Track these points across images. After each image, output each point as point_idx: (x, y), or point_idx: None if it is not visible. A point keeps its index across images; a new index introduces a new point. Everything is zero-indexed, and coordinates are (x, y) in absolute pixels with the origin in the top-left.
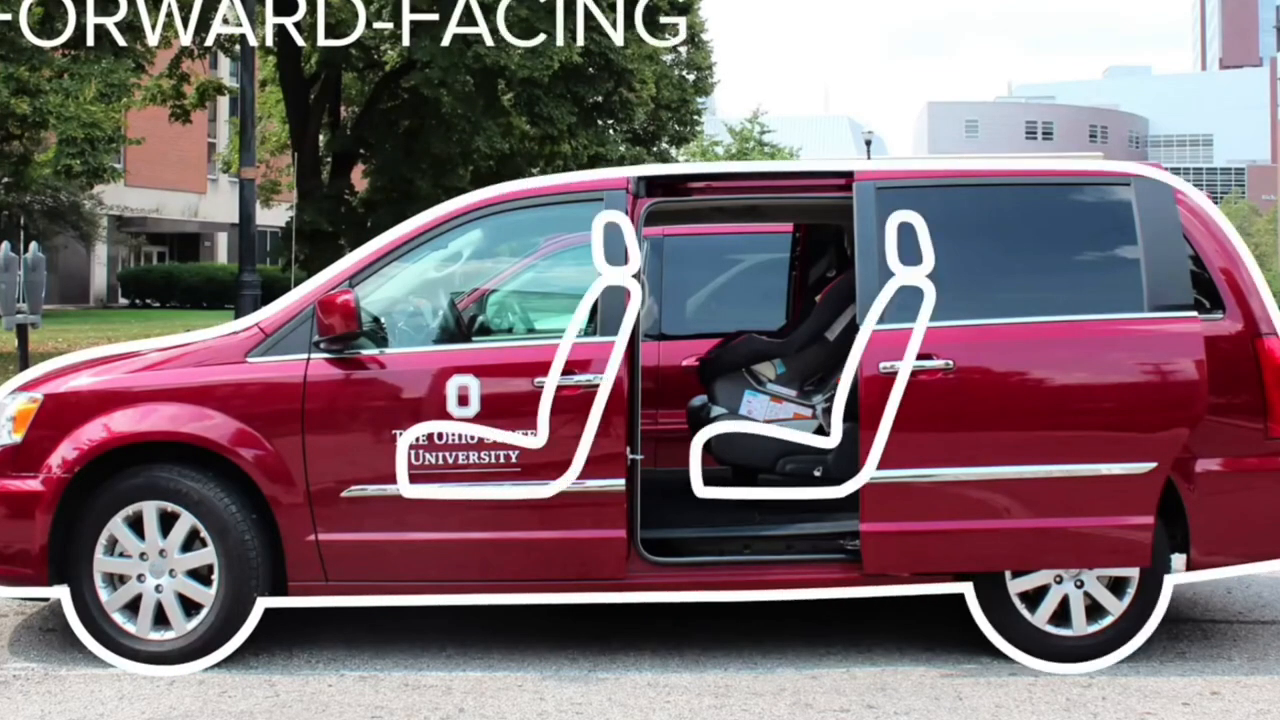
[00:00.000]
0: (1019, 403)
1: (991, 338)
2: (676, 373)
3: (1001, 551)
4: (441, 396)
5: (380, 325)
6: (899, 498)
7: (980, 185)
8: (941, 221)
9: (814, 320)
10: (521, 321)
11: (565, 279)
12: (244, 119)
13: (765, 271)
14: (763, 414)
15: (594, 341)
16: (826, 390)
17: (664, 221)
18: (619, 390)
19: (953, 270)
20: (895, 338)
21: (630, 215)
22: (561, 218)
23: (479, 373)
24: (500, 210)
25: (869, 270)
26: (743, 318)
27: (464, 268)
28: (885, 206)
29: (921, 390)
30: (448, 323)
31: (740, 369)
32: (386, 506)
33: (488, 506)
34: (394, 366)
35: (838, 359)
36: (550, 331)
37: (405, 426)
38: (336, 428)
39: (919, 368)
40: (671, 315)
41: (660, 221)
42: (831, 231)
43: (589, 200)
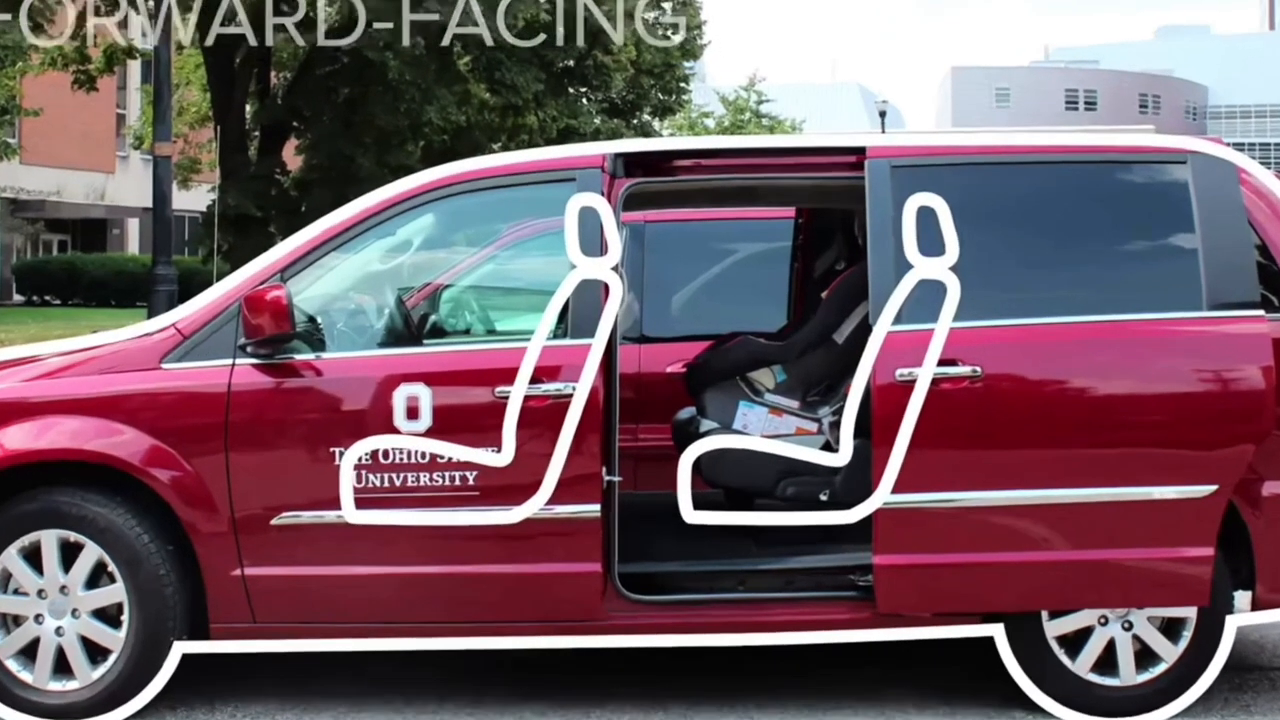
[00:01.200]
0: (1057, 416)
1: (1025, 340)
2: (660, 381)
3: (1037, 588)
4: (387, 408)
5: (316, 326)
6: (918, 526)
7: (1012, 164)
8: (967, 205)
9: (819, 320)
10: (480, 322)
11: (531, 272)
12: (158, 86)
13: (763, 263)
14: (760, 428)
15: (566, 345)
16: (834, 401)
17: (646, 205)
18: (594, 401)
19: (980, 262)
20: (914, 340)
21: (607, 198)
22: (527, 201)
23: (431, 381)
24: (456, 192)
25: (883, 262)
26: (737, 317)
27: (414, 259)
28: (902, 188)
29: (944, 401)
30: (395, 323)
31: (734, 376)
32: (323, 536)
33: (441, 536)
34: (332, 374)
35: (847, 365)
36: (514, 333)
37: (346, 443)
38: (266, 444)
39: (941, 375)
40: (654, 314)
41: (641, 205)
42: (840, 217)
43: (559, 181)
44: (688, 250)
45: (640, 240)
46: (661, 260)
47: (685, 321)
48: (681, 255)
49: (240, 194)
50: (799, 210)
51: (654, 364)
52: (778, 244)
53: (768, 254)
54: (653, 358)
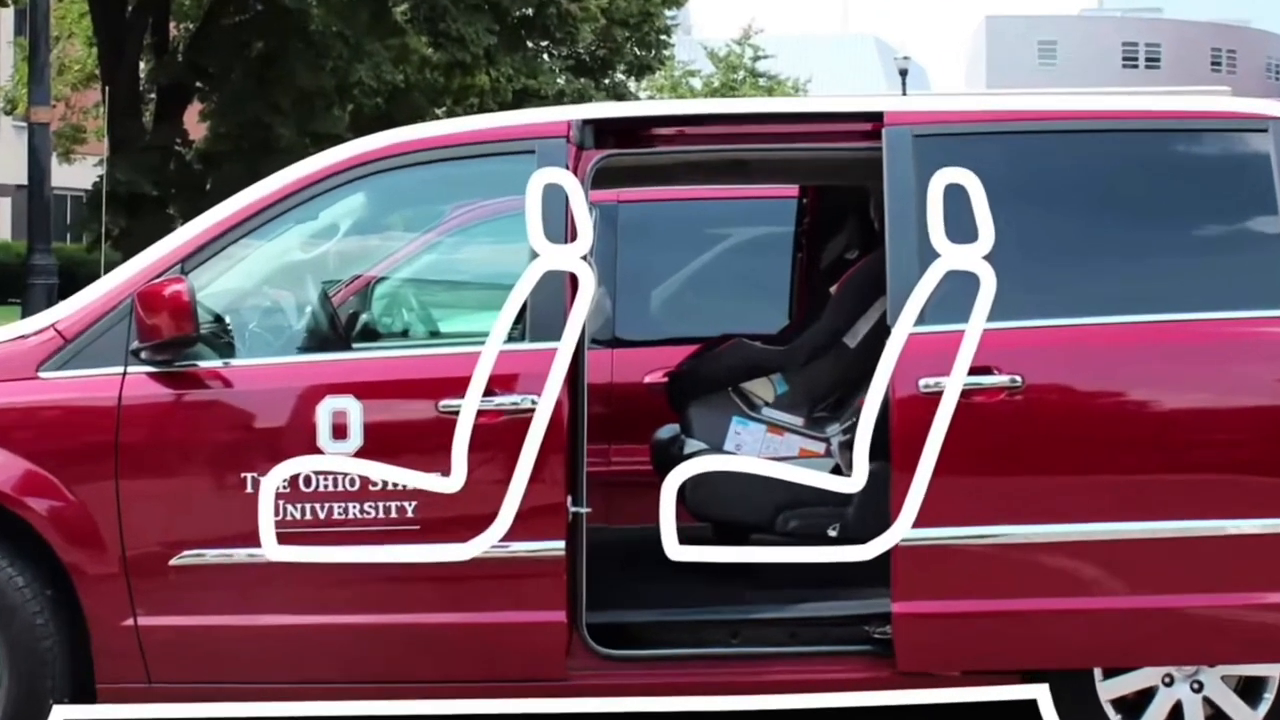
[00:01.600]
0: (1114, 435)
1: (1074, 344)
2: (637, 393)
3: (1089, 642)
4: (309, 425)
5: (225, 327)
6: (946, 566)
7: (1058, 132)
8: (1005, 182)
9: (827, 320)
10: (421, 322)
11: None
12: (34, 39)
13: (760, 252)
14: (756, 449)
15: (525, 350)
16: (845, 417)
17: (619, 182)
18: (559, 417)
19: (1021, 250)
20: (940, 344)
21: (574, 173)
22: (477, 177)
23: (362, 392)
24: (391, 167)
25: (904, 250)
26: (728, 316)
27: (341, 247)
28: (927, 161)
29: (977, 417)
30: (319, 324)
31: (725, 388)
32: (233, 579)
33: (372, 578)
34: (244, 384)
35: (860, 374)
36: (463, 336)
37: (260, 466)
38: (164, 469)
39: (974, 385)
40: (630, 313)
41: (614, 182)
42: (851, 197)
43: (515, 153)
44: (670, 236)
45: (613, 224)
46: (638, 248)
47: (667, 321)
48: (662, 242)
49: (133, 168)
50: (803, 189)
51: (630, 372)
52: (777, 228)
53: (765, 241)
54: (628, 365)
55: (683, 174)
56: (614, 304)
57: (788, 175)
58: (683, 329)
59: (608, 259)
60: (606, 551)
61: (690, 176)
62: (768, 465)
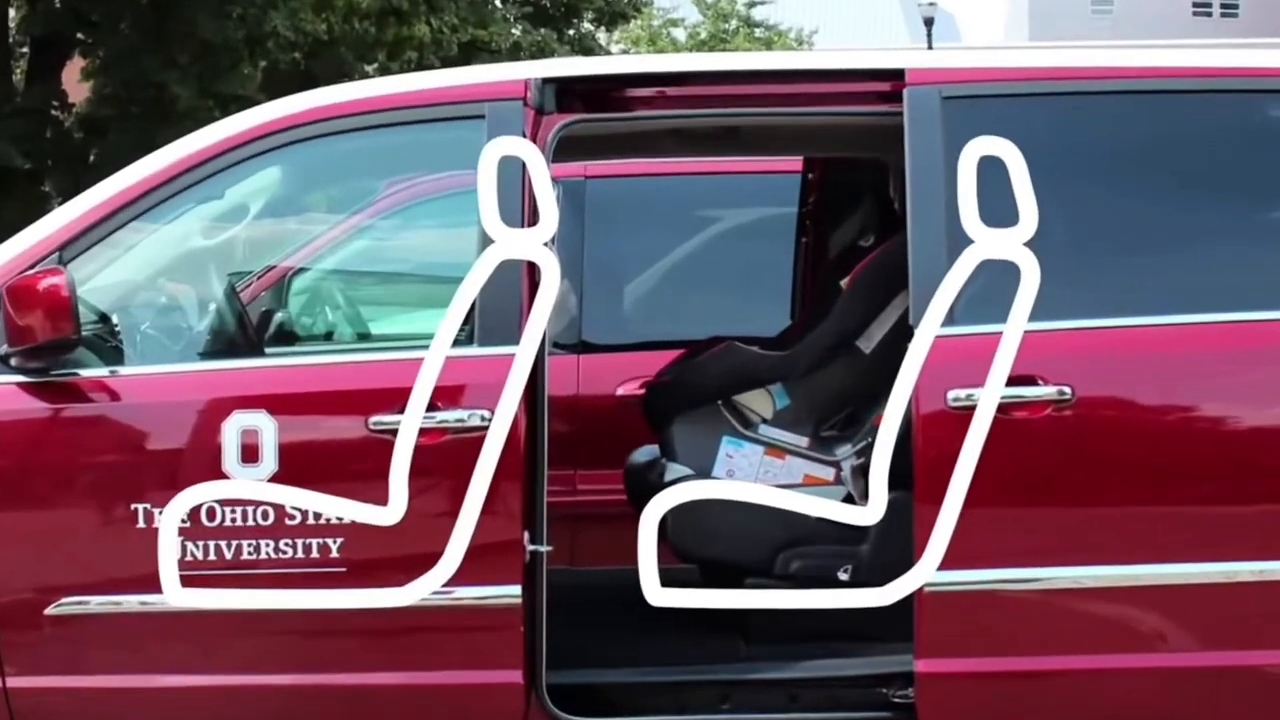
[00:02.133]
0: (1183, 458)
1: (1135, 349)
2: (608, 408)
3: (1152, 708)
4: (213, 446)
5: (111, 329)
6: (980, 615)
7: (1117, 94)
8: (1051, 154)
9: (838, 320)
10: (348, 322)
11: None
12: None
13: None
14: (752, 474)
15: (474, 355)
16: (858, 436)
17: (587, 153)
18: (515, 437)
19: (1070, 236)
20: (973, 349)
21: (533, 142)
22: (415, 148)
23: (277, 407)
24: (312, 135)
25: (929, 236)
26: (718, 315)
27: (251, 232)
28: (958, 129)
29: (1018, 436)
30: (224, 324)
31: (715, 401)
32: (123, 631)
33: (290, 631)
34: (134, 397)
35: (877, 384)
36: (398, 339)
37: (153, 496)
38: (37, 500)
39: (1014, 398)
40: (600, 311)
41: (581, 153)
42: (867, 172)
43: (462, 118)
44: (648, 219)
45: (579, 204)
46: (611, 233)
47: (645, 322)
48: (639, 226)
49: (0, 136)
50: (808, 162)
51: (600, 383)
52: (777, 210)
53: (763, 225)
54: (598, 374)
55: (664, 144)
56: (581, 301)
57: (790, 146)
58: (663, 330)
59: (573, 246)
60: (572, 598)
61: (673, 147)
62: (766, 493)
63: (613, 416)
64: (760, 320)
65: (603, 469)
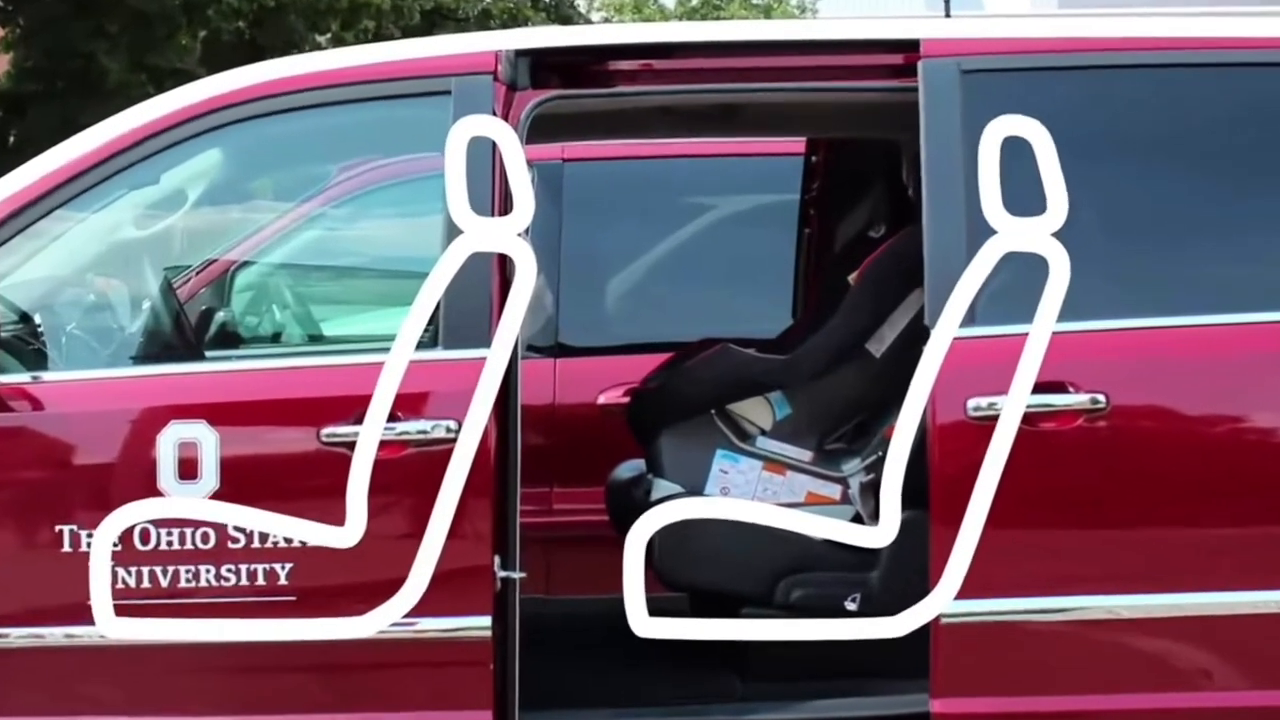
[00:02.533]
0: (1231, 473)
1: (1177, 352)
2: (589, 418)
3: None
4: (148, 461)
5: (33, 330)
6: (1003, 649)
7: (1160, 67)
8: (1084, 134)
9: (845, 319)
10: (298, 322)
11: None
12: None
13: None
14: (750, 492)
15: (439, 359)
16: (868, 449)
17: (565, 134)
18: (485, 450)
19: (1105, 226)
20: (996, 352)
21: (505, 121)
22: (373, 128)
23: (218, 417)
24: (258, 114)
25: (947, 226)
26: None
27: (190, 221)
28: (979, 106)
29: (1046, 449)
30: (160, 324)
31: (708, 410)
32: (47, 668)
33: (238, 667)
34: (59, 406)
35: (889, 392)
36: (355, 341)
37: (81, 516)
38: None
39: (1042, 407)
40: (580, 310)
41: (558, 134)
42: (877, 155)
43: (425, 95)
44: (633, 207)
45: (556, 191)
46: (591, 223)
47: (628, 321)
48: (623, 215)
49: None
50: (812, 144)
51: (579, 390)
52: (777, 197)
53: (761, 213)
54: (577, 380)
55: (650, 124)
56: (558, 298)
57: (791, 125)
58: (650, 331)
59: (550, 238)
60: (548, 630)
61: (660, 127)
62: (765, 512)
63: (593, 427)
64: (758, 320)
65: (582, 486)
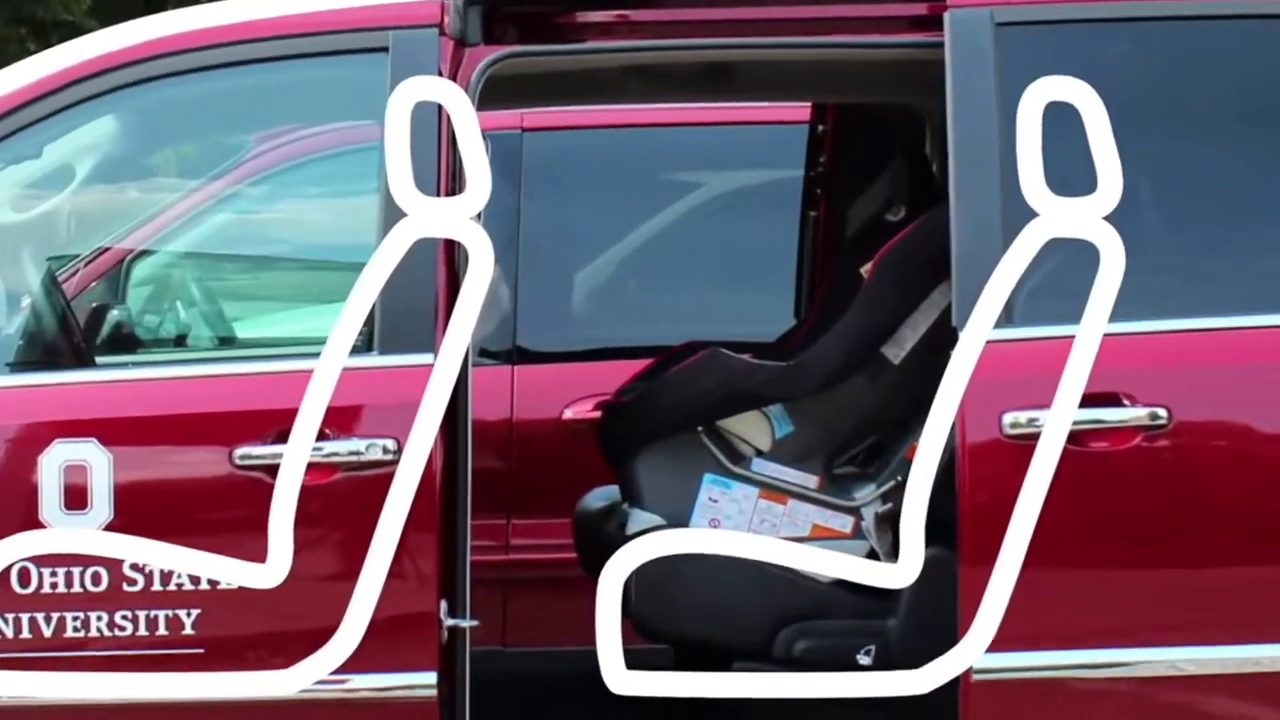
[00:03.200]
0: None
1: (1250, 358)
2: (552, 435)
3: None
4: (28, 487)
5: None
6: (1043, 709)
7: (1227, 19)
8: (1141, 99)
9: (858, 319)
10: (208, 322)
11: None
12: None
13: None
14: (745, 524)
15: (377, 366)
16: (884, 474)
17: (523, 99)
18: (430, 475)
19: (1165, 209)
20: (1037, 357)
21: (454, 82)
22: (297, 91)
23: (111, 435)
24: (160, 75)
25: (978, 208)
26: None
27: (78, 202)
28: (1017, 65)
29: (1096, 473)
30: (41, 325)
31: (694, 427)
32: None
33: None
34: None
35: (909, 405)
36: (276, 344)
37: None
38: None
39: (1091, 424)
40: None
41: (515, 99)
42: (895, 124)
43: (359, 51)
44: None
45: (514, 166)
46: (556, 205)
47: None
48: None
49: None
50: (819, 111)
51: (541, 403)
52: (777, 174)
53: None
54: (539, 391)
55: (627, 86)
56: (516, 294)
57: (794, 88)
58: (625, 334)
59: (507, 222)
60: (504, 688)
61: (638, 90)
62: (764, 547)
63: (558, 447)
64: (754, 320)
65: (545, 517)
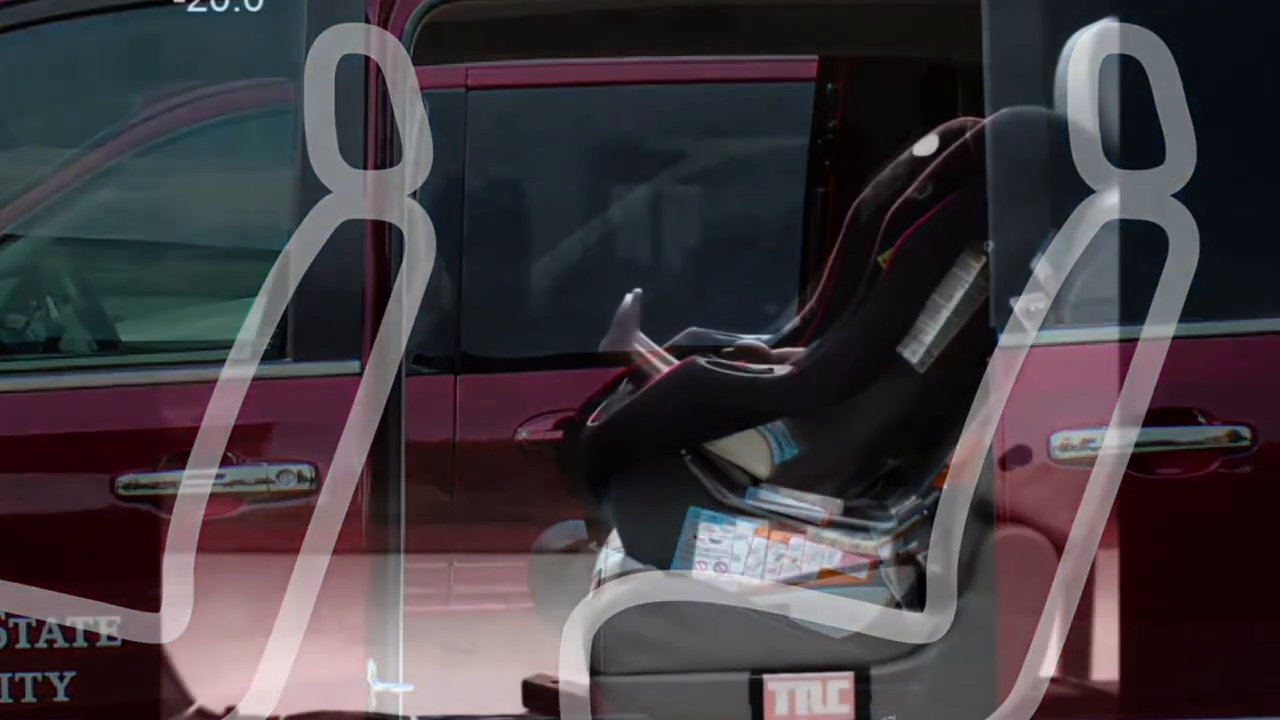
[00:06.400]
0: None
1: None
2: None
3: None
4: None
5: None
6: None
7: None
8: (1217, 52)
9: (872, 319)
10: (84, 323)
11: (207, 206)
12: None
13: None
14: (740, 565)
15: (290, 377)
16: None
17: (467, 52)
18: (356, 509)
19: (1247, 185)
20: (1092, 365)
21: (386, 31)
22: (194, 41)
23: None
24: (23, 21)
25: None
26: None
27: None
28: (1066, 11)
29: (1164, 505)
30: None
31: (677, 450)
32: None
33: None
34: None
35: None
36: (167, 349)
37: None
38: None
39: (1158, 445)
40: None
41: (458, 52)
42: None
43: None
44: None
45: (459, 133)
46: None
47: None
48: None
49: None
50: (827, 66)
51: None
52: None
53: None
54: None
55: (594, 37)
56: (459, 287)
57: (797, 39)
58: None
59: (450, 201)
60: None
61: (609, 42)
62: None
63: (510, 473)
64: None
65: (494, 558)
